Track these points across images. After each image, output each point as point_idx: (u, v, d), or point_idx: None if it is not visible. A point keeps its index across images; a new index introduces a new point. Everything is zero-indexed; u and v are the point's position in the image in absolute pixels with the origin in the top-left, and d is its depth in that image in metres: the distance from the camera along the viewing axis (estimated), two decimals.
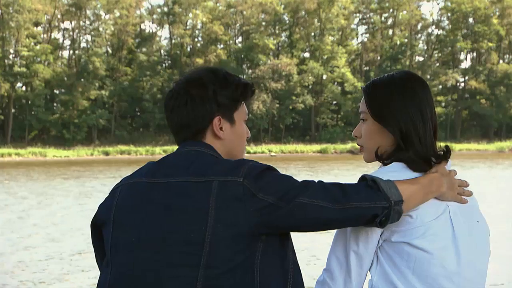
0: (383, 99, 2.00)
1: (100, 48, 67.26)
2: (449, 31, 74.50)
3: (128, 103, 67.73)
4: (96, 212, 1.98)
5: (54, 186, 24.50)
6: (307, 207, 1.77)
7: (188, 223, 1.77)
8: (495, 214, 14.37)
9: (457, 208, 1.95)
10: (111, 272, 1.85)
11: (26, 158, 50.93)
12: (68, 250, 11.20)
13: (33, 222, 14.79)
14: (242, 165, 1.82)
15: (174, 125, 1.98)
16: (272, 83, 65.70)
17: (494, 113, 69.53)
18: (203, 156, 1.90)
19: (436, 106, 14.91)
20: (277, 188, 1.78)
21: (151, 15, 72.76)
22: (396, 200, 1.81)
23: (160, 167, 1.91)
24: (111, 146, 58.88)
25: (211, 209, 1.76)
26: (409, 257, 1.87)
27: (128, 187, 1.92)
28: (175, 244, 1.77)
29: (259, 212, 1.77)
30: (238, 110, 2.00)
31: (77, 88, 62.85)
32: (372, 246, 1.91)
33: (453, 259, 1.88)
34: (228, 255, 1.75)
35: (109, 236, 1.88)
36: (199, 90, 1.94)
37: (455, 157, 47.24)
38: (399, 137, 1.95)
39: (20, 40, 63.03)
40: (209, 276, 1.74)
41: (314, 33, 72.33)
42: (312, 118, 69.04)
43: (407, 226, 1.88)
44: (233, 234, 1.76)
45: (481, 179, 25.37)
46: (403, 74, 2.05)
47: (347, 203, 1.78)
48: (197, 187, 1.80)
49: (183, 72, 67.86)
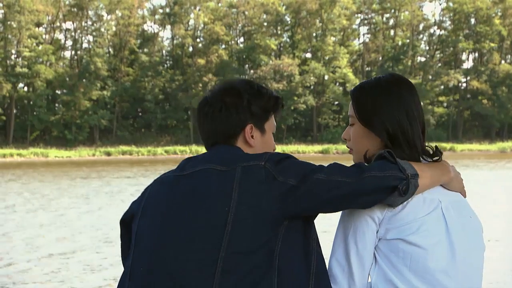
0: (369, 103, 2.03)
1: (102, 49, 67.30)
2: (451, 32, 74.46)
3: (130, 103, 67.76)
4: (127, 209, 2.08)
5: (93, 188, 24.53)
6: (326, 183, 1.82)
7: (211, 206, 1.84)
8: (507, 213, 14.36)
9: (449, 204, 1.96)
10: (133, 257, 1.93)
11: (28, 159, 50.95)
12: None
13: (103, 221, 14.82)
14: (264, 153, 1.92)
15: (207, 130, 2.08)
16: (274, 84, 65.69)
17: (496, 113, 69.49)
18: (224, 148, 2.01)
19: (438, 106, 14.93)
20: (297, 171, 1.85)
21: (153, 16, 72.79)
22: (412, 173, 1.86)
23: (190, 161, 2.01)
24: (112, 147, 58.89)
25: (234, 192, 1.83)
26: (404, 255, 1.88)
27: (158, 182, 2.02)
28: (198, 227, 1.83)
29: (281, 196, 1.82)
30: (269, 121, 2.10)
31: (79, 88, 62.90)
32: (370, 244, 1.92)
33: (447, 253, 1.89)
34: (249, 237, 1.80)
35: (136, 225, 1.98)
36: (235, 98, 2.04)
37: (457, 157, 47.21)
38: (386, 139, 1.98)
39: (22, 40, 63.09)
40: (229, 257, 1.79)
41: (316, 34, 72.33)
42: (314, 119, 69.03)
43: (400, 222, 1.89)
44: (255, 216, 1.81)
45: (486, 179, 25.37)
46: (389, 77, 2.08)
47: (363, 174, 1.83)
48: (221, 174, 1.88)
49: (185, 73, 68.00)
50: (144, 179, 27.05)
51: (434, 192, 1.96)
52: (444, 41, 74.60)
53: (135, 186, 23.85)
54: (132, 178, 28.52)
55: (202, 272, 1.80)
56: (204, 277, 1.80)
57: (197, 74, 66.52)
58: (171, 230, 1.87)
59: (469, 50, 74.34)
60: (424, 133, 2.04)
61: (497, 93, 70.13)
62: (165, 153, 55.54)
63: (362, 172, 1.83)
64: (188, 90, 66.16)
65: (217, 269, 1.79)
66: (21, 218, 15.41)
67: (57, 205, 18.10)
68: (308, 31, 71.07)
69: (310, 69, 67.67)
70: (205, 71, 66.67)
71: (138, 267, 1.90)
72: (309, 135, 69.46)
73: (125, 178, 28.52)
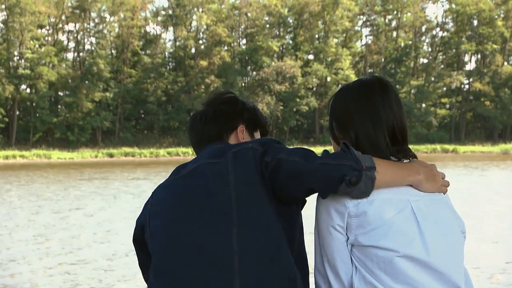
0: (339, 108, 2.08)
1: (104, 50, 67.36)
2: (453, 33, 74.40)
3: (133, 105, 67.81)
4: (135, 227, 2.16)
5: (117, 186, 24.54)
6: (284, 162, 1.93)
7: (214, 192, 1.96)
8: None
9: (422, 203, 1.95)
10: (154, 256, 2.00)
11: (31, 160, 51.00)
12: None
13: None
14: (250, 141, 2.10)
15: (199, 132, 2.27)
16: (276, 85, 65.71)
17: (499, 115, 69.40)
18: (220, 144, 2.18)
19: (440, 108, 14.89)
20: (275, 150, 1.98)
21: (156, 18, 72.84)
22: (368, 165, 1.86)
23: (184, 165, 2.14)
24: (115, 148, 58.92)
25: (230, 175, 1.97)
26: (378, 259, 1.89)
27: (159, 189, 2.13)
28: (207, 212, 1.94)
29: (263, 170, 1.96)
30: (257, 132, 2.33)
31: (81, 90, 62.95)
32: (340, 253, 1.93)
33: (421, 252, 1.89)
34: (257, 211, 1.93)
35: (147, 228, 2.07)
36: (230, 105, 2.29)
37: (460, 159, 47.14)
38: (354, 143, 2.00)
39: (25, 42, 63.17)
40: (242, 232, 1.90)
41: (318, 35, 72.33)
42: (316, 120, 69.03)
43: (368, 227, 1.89)
44: (257, 192, 1.94)
45: (493, 182, 25.33)
46: (362, 80, 2.10)
47: (316, 160, 1.90)
48: (216, 164, 2.02)
49: (187, 74, 68.05)
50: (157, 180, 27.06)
51: (404, 193, 1.95)
52: (447, 43, 74.55)
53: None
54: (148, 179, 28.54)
55: (222, 251, 1.89)
56: (223, 256, 1.88)
57: (200, 75, 66.55)
58: (184, 219, 1.96)
59: (472, 51, 74.28)
60: (397, 139, 2.02)
61: (499, 94, 70.06)
62: (168, 154, 55.56)
63: (317, 158, 1.92)
64: (191, 91, 66.18)
65: (233, 244, 1.88)
66: (61, 220, 15.42)
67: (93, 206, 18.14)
68: (310, 32, 71.06)
69: (312, 70, 67.67)
70: (208, 73, 66.71)
71: (159, 263, 1.97)
72: (312, 136, 69.45)
73: (143, 180, 28.54)
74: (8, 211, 17.25)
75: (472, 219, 13.48)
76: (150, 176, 30.72)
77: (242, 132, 2.25)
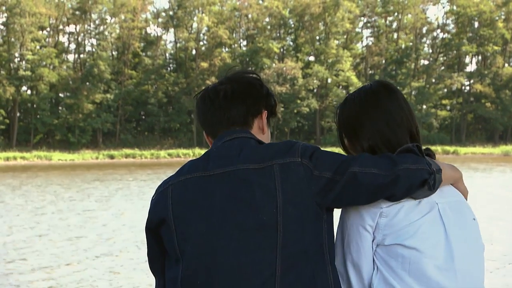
0: (348, 118, 2.08)
1: (105, 52, 67.36)
2: (454, 35, 74.38)
3: (133, 106, 67.82)
4: (149, 216, 1.98)
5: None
6: (360, 176, 1.83)
7: (258, 208, 1.81)
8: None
9: (447, 205, 1.96)
10: (184, 267, 1.87)
11: (31, 162, 50.99)
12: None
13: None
14: (294, 145, 1.90)
15: (224, 118, 2.01)
16: (277, 87, 65.69)
17: (500, 116, 69.40)
18: (247, 142, 1.94)
19: (441, 109, 14.91)
20: (330, 163, 1.85)
21: (156, 19, 72.86)
22: (436, 168, 1.90)
23: (209, 160, 1.93)
24: (116, 150, 58.91)
25: (278, 192, 1.82)
26: (403, 259, 1.88)
27: (180, 184, 1.92)
28: (250, 229, 1.81)
29: (320, 190, 1.84)
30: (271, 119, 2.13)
31: (82, 91, 62.96)
32: (366, 253, 1.92)
33: (446, 255, 1.89)
34: (301, 235, 1.82)
35: (173, 233, 1.89)
36: (257, 87, 2.05)
37: (461, 160, 47.11)
38: (367, 151, 2.00)
39: (25, 44, 63.19)
40: (286, 256, 1.80)
41: (319, 37, 72.32)
42: (317, 122, 69.01)
43: (396, 227, 1.89)
44: (302, 214, 1.82)
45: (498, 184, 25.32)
46: (366, 87, 2.10)
47: (396, 167, 1.84)
48: (258, 173, 1.84)
49: (188, 76, 68.05)
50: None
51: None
52: (448, 44, 74.52)
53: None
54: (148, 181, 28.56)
55: (262, 273, 1.80)
56: (264, 278, 1.79)
57: (200, 77, 66.56)
58: (223, 235, 1.83)
59: (473, 53, 74.24)
60: (415, 137, 2.04)
61: (500, 96, 70.04)
62: (168, 156, 55.56)
63: (395, 164, 1.84)
64: (191, 93, 66.18)
65: (277, 269, 1.79)
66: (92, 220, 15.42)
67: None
68: (311, 34, 71.05)
69: (313, 72, 67.66)
70: (208, 75, 66.71)
71: (191, 275, 1.86)
72: (312, 138, 69.41)
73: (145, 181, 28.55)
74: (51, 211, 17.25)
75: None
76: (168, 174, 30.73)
77: (264, 118, 2.05)
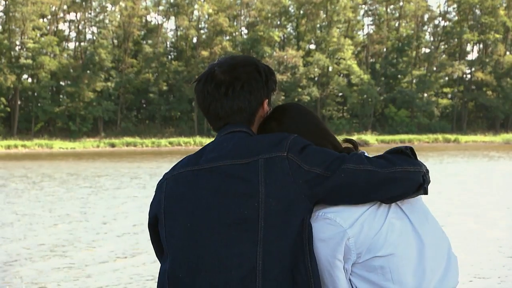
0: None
1: (105, 40, 67.27)
2: (455, 23, 74.19)
3: (134, 95, 67.79)
4: (149, 212, 2.01)
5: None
6: (355, 172, 1.81)
7: (241, 202, 1.81)
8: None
9: (407, 202, 1.93)
10: (169, 260, 1.89)
11: (32, 150, 51.05)
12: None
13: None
14: (284, 140, 1.87)
15: (227, 109, 1.97)
16: (278, 75, 65.61)
17: (501, 104, 69.35)
18: (240, 136, 1.93)
19: (442, 98, 15.00)
20: (322, 158, 1.83)
21: (157, 7, 72.70)
22: (426, 169, 1.90)
23: (202, 154, 1.94)
24: (117, 138, 58.93)
25: (261, 186, 1.80)
26: (383, 270, 1.85)
27: (173, 179, 1.95)
28: (232, 224, 1.81)
29: (307, 184, 1.81)
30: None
31: (83, 80, 62.93)
32: (341, 282, 1.87)
33: (418, 247, 1.88)
34: (283, 228, 1.80)
35: (163, 228, 1.93)
36: (255, 74, 1.98)
37: (462, 148, 47.11)
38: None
39: (26, 32, 63.09)
40: (269, 250, 1.79)
41: (321, 25, 72.14)
42: (318, 110, 68.93)
43: (365, 242, 1.85)
44: (285, 207, 1.80)
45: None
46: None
47: (394, 167, 1.83)
48: (244, 168, 1.84)
49: (189, 64, 67.94)
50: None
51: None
52: (449, 32, 74.35)
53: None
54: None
55: (242, 267, 1.80)
56: (244, 272, 1.80)
57: (201, 65, 66.46)
58: (205, 229, 1.84)
59: (474, 41, 74.09)
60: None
61: (501, 84, 69.95)
62: (169, 144, 55.58)
63: (393, 164, 1.83)
64: (192, 81, 66.13)
65: (258, 264, 1.79)
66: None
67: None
68: (312, 22, 70.87)
69: (314, 60, 67.55)
70: (209, 63, 65.90)
71: (176, 269, 1.88)
72: None
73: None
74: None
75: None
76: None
77: (265, 106, 2.02)
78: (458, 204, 15.29)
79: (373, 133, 63.41)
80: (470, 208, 14.50)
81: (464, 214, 13.54)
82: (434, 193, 16.75)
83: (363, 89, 68.25)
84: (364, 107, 69.43)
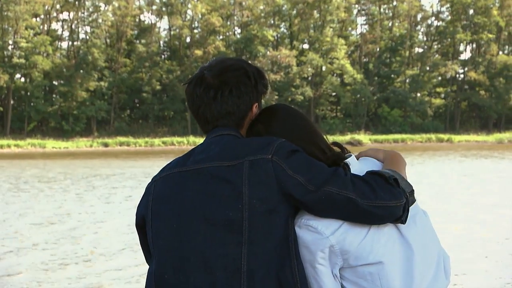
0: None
1: (99, 39, 67.15)
2: (449, 22, 74.35)
3: (127, 94, 67.71)
4: (136, 213, 2.03)
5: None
6: (335, 197, 1.82)
7: (226, 204, 1.83)
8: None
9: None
10: (156, 261, 1.91)
11: (25, 150, 50.89)
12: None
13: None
14: (271, 143, 1.89)
15: (215, 113, 1.99)
16: (271, 75, 65.61)
17: (494, 104, 69.56)
18: (228, 139, 1.95)
19: (435, 97, 14.99)
20: (306, 168, 1.85)
21: (150, 6, 72.61)
22: (409, 191, 1.89)
23: (191, 156, 1.97)
24: (110, 138, 58.83)
25: (244, 188, 1.82)
26: (372, 276, 1.87)
27: (161, 181, 1.98)
28: (217, 225, 1.83)
29: (291, 189, 1.83)
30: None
31: (76, 79, 62.81)
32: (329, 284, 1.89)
33: (405, 253, 1.89)
34: (268, 229, 1.82)
35: (149, 230, 1.95)
36: (243, 78, 2.01)
37: (455, 148, 47.24)
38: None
39: (19, 31, 62.91)
40: (252, 251, 1.81)
41: (314, 25, 72.18)
42: (311, 110, 69.00)
43: (351, 249, 1.86)
44: (269, 208, 1.82)
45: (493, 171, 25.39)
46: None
47: (376, 201, 1.83)
48: (230, 170, 1.86)
49: (182, 64, 67.87)
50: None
51: None
52: (442, 32, 74.52)
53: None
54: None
55: (227, 268, 1.81)
56: (229, 273, 1.81)
57: (195, 65, 66.42)
58: (191, 230, 1.86)
59: (467, 41, 74.28)
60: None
61: (494, 84, 70.15)
62: (163, 144, 55.52)
63: (375, 197, 1.83)
64: (183, 83, 66.02)
65: (242, 265, 1.81)
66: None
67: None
68: (306, 22, 70.91)
69: (307, 60, 67.59)
70: (202, 62, 66.23)
71: (162, 270, 1.89)
72: None
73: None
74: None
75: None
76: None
77: (254, 109, 2.04)
78: (453, 202, 15.33)
79: (366, 133, 63.51)
80: (460, 207, 14.55)
81: (456, 213, 13.58)
82: (429, 191, 16.80)
83: (356, 89, 68.34)
84: (357, 106, 69.50)
